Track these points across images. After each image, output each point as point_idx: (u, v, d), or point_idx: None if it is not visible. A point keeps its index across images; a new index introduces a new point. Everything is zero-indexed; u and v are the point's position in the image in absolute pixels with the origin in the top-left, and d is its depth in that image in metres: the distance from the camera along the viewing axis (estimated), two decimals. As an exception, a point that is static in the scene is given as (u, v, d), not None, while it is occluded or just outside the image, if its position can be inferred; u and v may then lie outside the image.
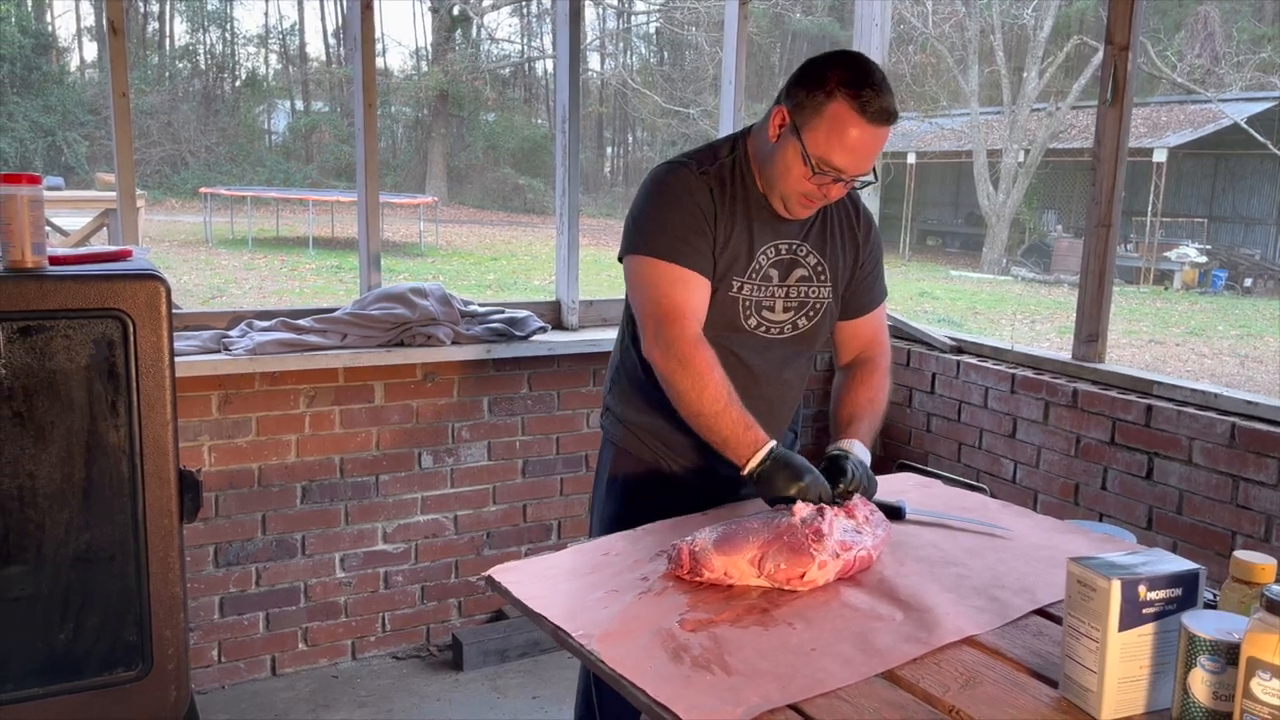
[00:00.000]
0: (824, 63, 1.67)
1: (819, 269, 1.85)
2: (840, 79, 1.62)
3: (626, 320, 1.93)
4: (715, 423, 1.64)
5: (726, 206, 1.76)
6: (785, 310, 1.83)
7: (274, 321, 2.93)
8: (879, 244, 1.97)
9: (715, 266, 1.76)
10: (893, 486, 1.96)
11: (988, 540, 1.68)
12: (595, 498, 2.02)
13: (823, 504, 1.57)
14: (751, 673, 1.22)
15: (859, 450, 1.76)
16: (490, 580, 1.53)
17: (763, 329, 1.82)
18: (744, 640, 1.31)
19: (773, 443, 1.63)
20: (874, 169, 1.72)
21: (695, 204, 1.73)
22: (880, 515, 1.61)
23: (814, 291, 1.85)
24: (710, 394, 1.64)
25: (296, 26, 27.92)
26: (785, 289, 1.82)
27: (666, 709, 1.15)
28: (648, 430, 1.90)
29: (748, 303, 1.80)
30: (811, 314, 1.86)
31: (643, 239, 1.75)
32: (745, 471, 1.63)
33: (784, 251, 1.82)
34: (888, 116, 1.64)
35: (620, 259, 1.81)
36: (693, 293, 1.72)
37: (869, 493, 1.67)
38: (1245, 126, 15.99)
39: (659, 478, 1.90)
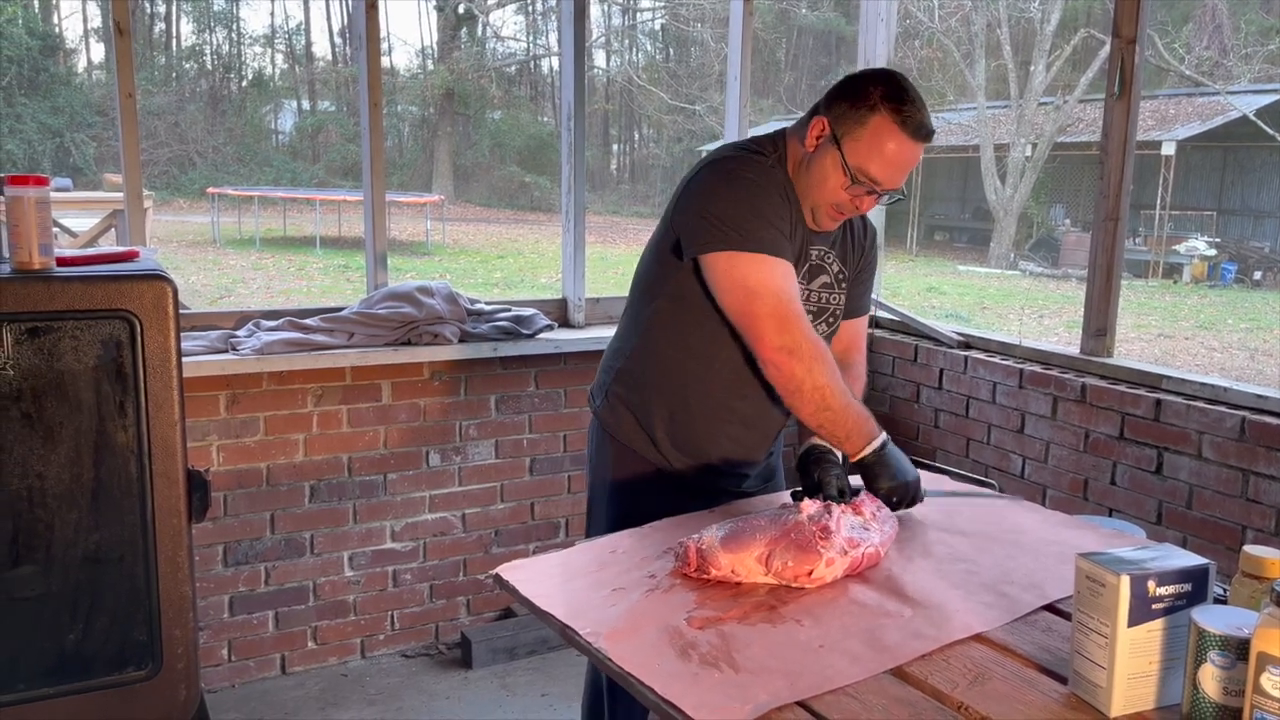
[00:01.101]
0: (866, 78, 1.71)
1: (840, 276, 1.88)
2: (884, 93, 1.67)
3: (640, 305, 1.87)
4: (843, 415, 1.68)
5: (790, 202, 1.76)
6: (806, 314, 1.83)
7: (281, 321, 2.93)
8: (876, 255, 2.01)
9: None
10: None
11: (996, 536, 1.67)
12: (594, 495, 2.00)
13: (830, 501, 1.57)
14: (759, 670, 1.22)
15: (839, 453, 1.78)
16: (498, 578, 1.53)
17: None
18: (752, 637, 1.30)
19: (885, 435, 1.70)
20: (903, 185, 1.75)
21: (779, 194, 1.72)
22: (887, 511, 1.61)
23: (833, 298, 1.88)
24: (839, 387, 1.67)
25: (302, 26, 27.97)
26: (809, 293, 1.83)
27: (674, 706, 1.15)
28: (660, 416, 1.85)
29: None
30: (831, 320, 1.89)
31: (737, 233, 1.66)
32: (855, 459, 1.68)
33: (814, 257, 1.84)
34: (927, 133, 1.69)
35: (692, 256, 1.71)
36: (796, 288, 1.71)
37: (848, 495, 1.70)
38: (1254, 119, 15.92)
39: (663, 477, 1.88)
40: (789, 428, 2.02)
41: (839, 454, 1.77)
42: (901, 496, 1.68)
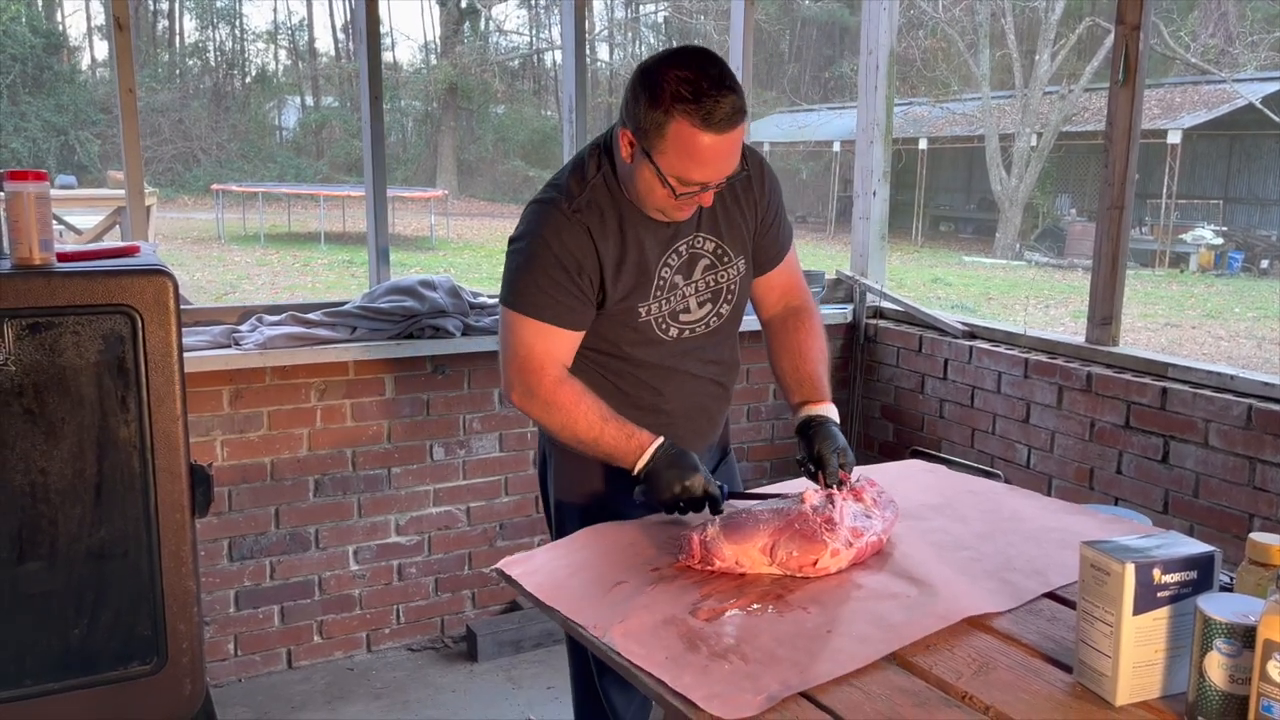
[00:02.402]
0: (656, 73, 1.55)
1: (719, 252, 1.78)
2: (675, 94, 1.52)
3: None
4: (597, 447, 1.66)
5: (611, 238, 1.68)
6: (700, 305, 1.78)
7: (283, 316, 2.93)
8: (776, 186, 1.85)
9: (609, 298, 1.71)
10: (899, 472, 1.95)
11: (997, 523, 1.67)
12: (562, 517, 1.90)
13: (831, 489, 1.56)
14: (769, 660, 1.22)
15: (833, 414, 1.75)
16: (501, 573, 1.52)
17: (686, 333, 1.79)
18: (759, 627, 1.30)
19: (659, 441, 1.63)
20: (743, 159, 1.65)
21: (567, 253, 1.66)
22: (888, 496, 1.60)
23: (723, 275, 1.79)
24: (583, 423, 1.65)
25: (305, 22, 27.95)
26: (693, 285, 1.77)
27: (685, 698, 1.15)
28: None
29: (660, 319, 1.75)
30: (729, 297, 1.81)
31: (510, 293, 1.70)
32: (635, 472, 1.64)
33: (684, 252, 1.75)
34: (734, 119, 1.54)
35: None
36: (555, 344, 1.69)
37: (849, 465, 1.66)
38: (1260, 106, 15.82)
39: (630, 482, 1.84)
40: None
41: (836, 419, 1.74)
42: (689, 498, 1.60)
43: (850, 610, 1.34)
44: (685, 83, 1.52)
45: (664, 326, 1.76)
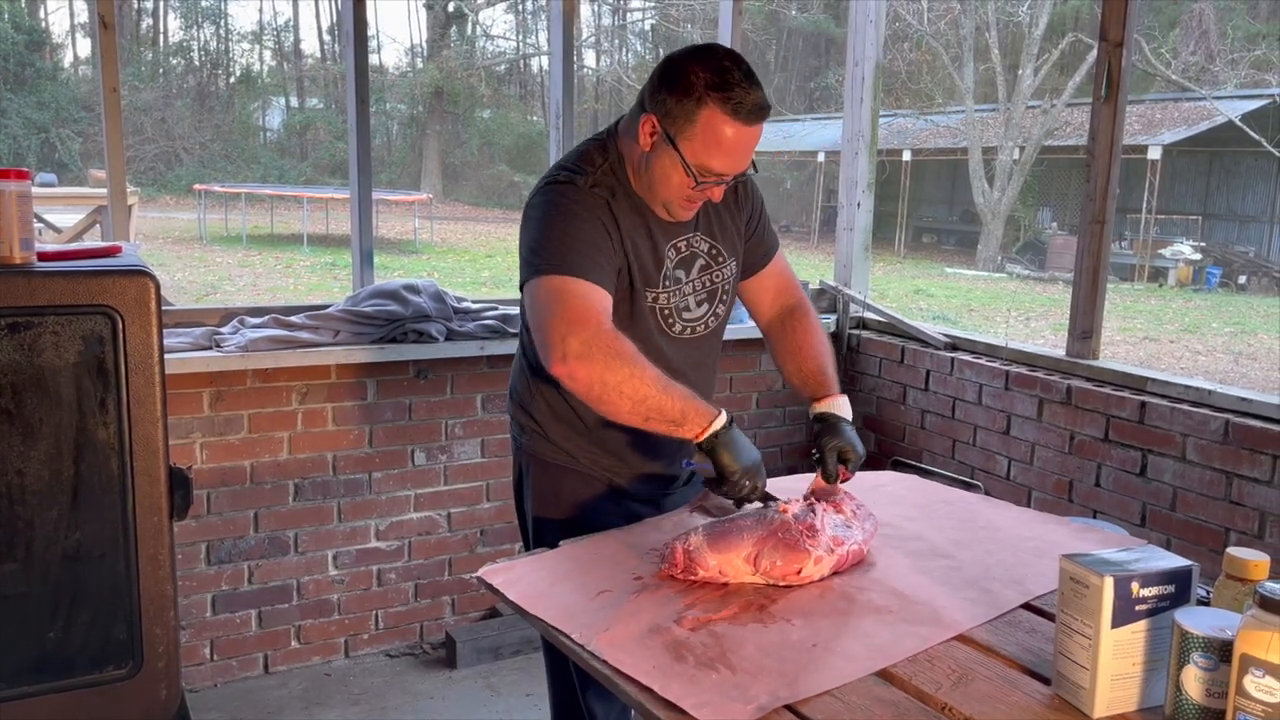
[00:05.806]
0: (687, 63, 1.60)
1: (714, 253, 1.81)
2: (708, 82, 1.56)
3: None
4: (664, 400, 1.53)
5: (625, 217, 1.68)
6: (699, 305, 1.80)
7: (266, 318, 2.92)
8: (758, 191, 1.89)
9: (630, 279, 1.70)
10: (872, 483, 1.95)
11: (973, 531, 1.68)
12: (541, 529, 1.87)
13: (812, 500, 1.57)
14: (756, 670, 1.22)
15: (839, 408, 1.76)
16: (483, 581, 1.52)
17: (688, 331, 1.80)
18: (744, 637, 1.30)
19: (726, 414, 1.58)
20: (752, 161, 1.67)
21: (595, 219, 1.64)
22: (867, 509, 1.61)
23: (717, 276, 1.82)
24: (650, 374, 1.53)
25: (291, 23, 27.91)
26: (692, 284, 1.79)
27: (676, 707, 1.15)
28: (591, 444, 1.81)
29: (666, 311, 1.76)
30: (724, 298, 1.84)
31: (542, 260, 1.60)
32: (700, 439, 1.55)
33: (683, 249, 1.77)
34: (761, 113, 1.59)
35: (521, 289, 1.66)
36: (602, 302, 1.59)
37: (852, 463, 1.67)
38: (1240, 124, 16.00)
39: (612, 491, 1.84)
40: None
41: (847, 412, 1.74)
42: (752, 480, 1.56)
43: (834, 625, 1.34)
44: (719, 73, 1.57)
45: (670, 321, 1.77)
